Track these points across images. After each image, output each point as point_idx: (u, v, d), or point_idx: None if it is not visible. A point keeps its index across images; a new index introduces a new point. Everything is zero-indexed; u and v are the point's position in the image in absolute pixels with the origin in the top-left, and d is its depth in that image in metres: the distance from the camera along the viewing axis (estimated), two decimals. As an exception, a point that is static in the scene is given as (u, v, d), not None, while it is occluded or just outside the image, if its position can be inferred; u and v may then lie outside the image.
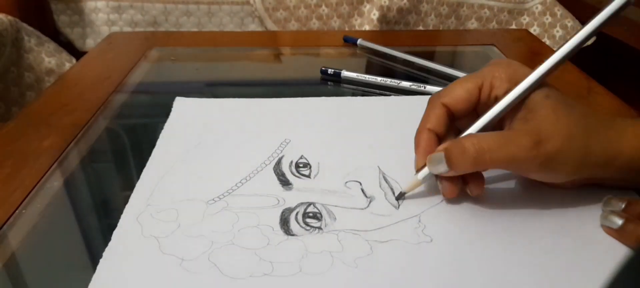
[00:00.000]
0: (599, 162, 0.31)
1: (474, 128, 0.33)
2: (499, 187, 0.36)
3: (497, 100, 0.33)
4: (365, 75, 0.56)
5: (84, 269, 0.30)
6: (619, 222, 0.31)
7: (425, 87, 0.53)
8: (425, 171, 0.34)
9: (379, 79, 0.55)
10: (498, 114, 0.33)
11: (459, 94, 0.34)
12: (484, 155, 0.31)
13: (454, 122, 0.35)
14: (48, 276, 0.30)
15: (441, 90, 0.35)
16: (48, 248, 0.33)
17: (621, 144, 0.31)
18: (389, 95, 0.53)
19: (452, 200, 0.35)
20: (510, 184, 0.36)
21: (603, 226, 0.32)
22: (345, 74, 0.57)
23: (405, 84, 0.54)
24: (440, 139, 0.35)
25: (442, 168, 0.32)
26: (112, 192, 0.36)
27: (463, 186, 0.34)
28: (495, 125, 0.33)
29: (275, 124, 0.45)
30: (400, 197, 0.35)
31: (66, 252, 0.32)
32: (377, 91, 0.54)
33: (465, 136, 0.32)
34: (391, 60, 0.63)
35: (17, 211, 0.35)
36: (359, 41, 0.66)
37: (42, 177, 0.38)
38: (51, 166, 0.40)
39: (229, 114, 0.47)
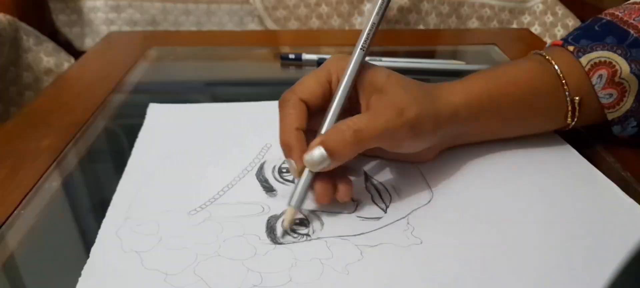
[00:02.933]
0: (446, 118, 0.35)
1: (329, 116, 0.33)
2: (484, 185, 0.36)
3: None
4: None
5: (82, 270, 0.29)
6: None
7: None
8: (296, 194, 0.31)
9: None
10: (343, 94, 0.34)
11: (315, 88, 0.34)
12: (361, 133, 0.31)
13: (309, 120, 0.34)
14: (46, 276, 0.30)
15: (293, 87, 0.35)
16: (46, 249, 0.32)
17: (456, 99, 0.36)
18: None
19: (439, 200, 0.34)
20: (499, 183, 0.36)
21: None
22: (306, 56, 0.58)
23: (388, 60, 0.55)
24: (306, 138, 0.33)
25: (324, 163, 0.31)
26: (111, 193, 0.36)
27: (334, 192, 0.33)
28: (353, 113, 0.34)
29: (254, 128, 0.44)
30: (284, 235, 0.31)
31: (64, 252, 0.32)
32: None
33: (338, 123, 0.32)
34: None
35: (15, 211, 0.34)
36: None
37: (41, 177, 0.38)
38: (50, 166, 0.39)
39: (205, 120, 0.46)
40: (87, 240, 0.31)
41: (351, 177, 0.36)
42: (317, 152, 0.31)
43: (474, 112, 0.36)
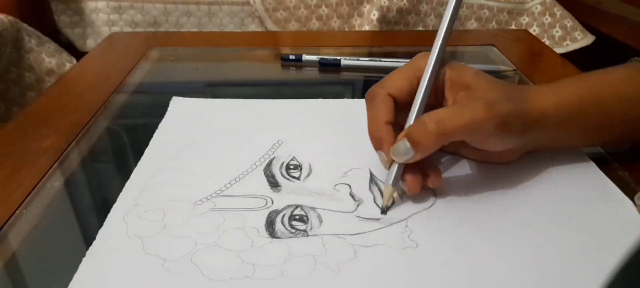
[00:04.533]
0: (535, 119, 0.34)
1: (414, 111, 0.34)
2: (488, 191, 0.36)
3: (438, 87, 0.35)
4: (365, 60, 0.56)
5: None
6: None
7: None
8: (392, 173, 0.33)
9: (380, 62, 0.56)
10: (425, 88, 0.34)
11: (402, 84, 0.35)
12: (445, 125, 0.31)
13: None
14: (48, 276, 0.30)
15: (381, 83, 0.35)
16: (48, 249, 0.33)
17: (546, 101, 0.34)
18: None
19: (441, 205, 0.34)
20: (500, 189, 0.36)
21: None
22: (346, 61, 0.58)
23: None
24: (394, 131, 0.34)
25: (409, 154, 0.32)
26: (112, 192, 0.36)
27: (425, 180, 0.34)
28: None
29: (269, 124, 0.45)
30: (385, 211, 0.34)
31: (66, 252, 0.32)
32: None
33: (422, 116, 0.33)
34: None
35: (17, 211, 0.35)
36: (343, 60, 0.59)
37: (43, 177, 0.38)
38: (51, 166, 0.40)
39: (224, 115, 0.47)
40: (89, 240, 0.31)
41: (361, 176, 0.37)
42: (401, 144, 0.32)
43: (563, 116, 0.35)
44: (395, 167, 0.33)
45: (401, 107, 0.35)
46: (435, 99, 0.36)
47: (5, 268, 0.31)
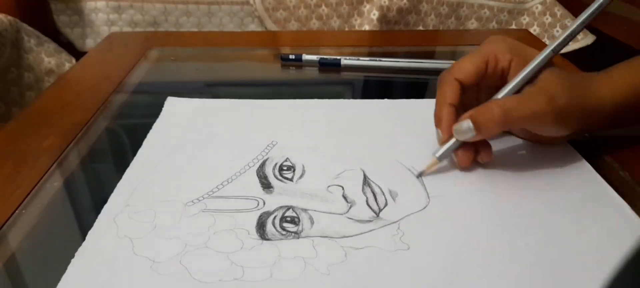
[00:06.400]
0: (592, 109, 0.37)
1: (501, 94, 0.37)
2: (482, 195, 0.35)
3: (503, 71, 0.38)
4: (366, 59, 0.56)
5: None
6: None
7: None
8: (443, 148, 0.37)
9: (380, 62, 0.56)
10: (524, 78, 0.37)
11: (470, 68, 0.38)
12: (510, 113, 0.35)
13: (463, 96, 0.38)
14: (47, 276, 0.30)
15: (451, 67, 0.38)
16: (48, 248, 0.33)
17: (603, 91, 0.37)
18: (387, 80, 0.53)
19: (434, 207, 0.34)
20: (494, 193, 0.36)
21: None
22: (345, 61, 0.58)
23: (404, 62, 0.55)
24: (457, 112, 0.37)
25: (469, 134, 0.35)
26: (112, 192, 0.36)
27: (475, 156, 0.37)
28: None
29: (264, 125, 0.45)
30: (420, 175, 0.37)
31: (66, 252, 0.32)
32: (375, 77, 0.54)
33: (489, 102, 0.36)
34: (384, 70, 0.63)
35: (17, 211, 0.35)
36: (343, 60, 0.59)
37: (42, 177, 0.38)
38: (51, 166, 0.39)
39: (218, 115, 0.47)
40: (88, 239, 0.31)
41: (355, 177, 0.37)
42: (465, 124, 0.36)
43: (619, 104, 0.37)
44: (447, 146, 0.37)
45: (468, 89, 0.38)
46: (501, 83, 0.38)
47: (4, 268, 0.31)
